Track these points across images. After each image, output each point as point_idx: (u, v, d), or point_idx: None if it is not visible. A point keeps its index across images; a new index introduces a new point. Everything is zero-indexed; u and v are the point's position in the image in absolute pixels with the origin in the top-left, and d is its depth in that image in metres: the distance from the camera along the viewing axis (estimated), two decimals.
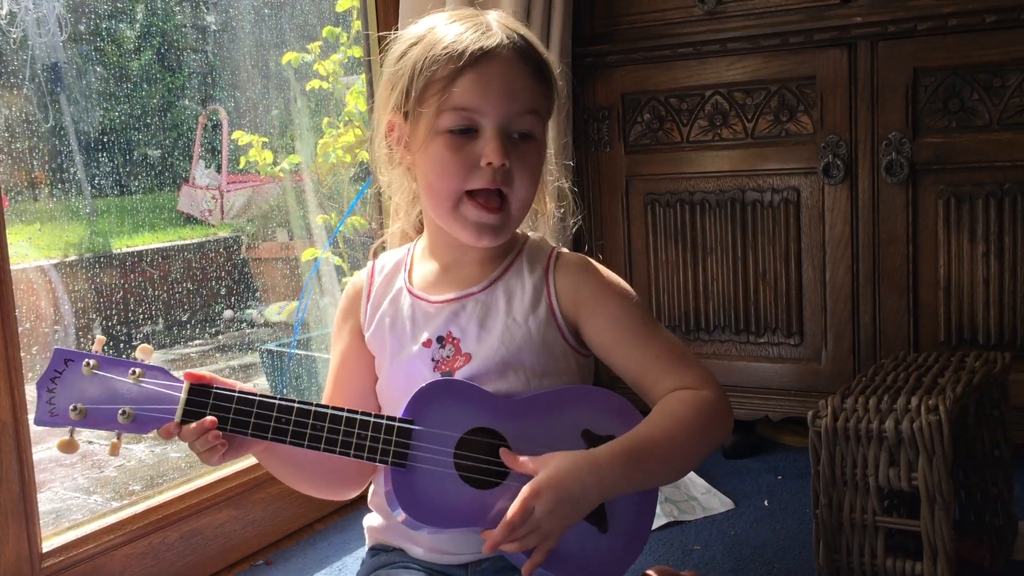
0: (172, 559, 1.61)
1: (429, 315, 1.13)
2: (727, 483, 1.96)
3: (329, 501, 1.90)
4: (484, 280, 1.13)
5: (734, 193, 2.05)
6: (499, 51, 1.05)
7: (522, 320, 1.10)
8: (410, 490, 1.00)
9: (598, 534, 1.03)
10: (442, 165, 1.06)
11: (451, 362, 1.09)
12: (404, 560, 1.12)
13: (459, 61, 1.04)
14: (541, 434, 1.04)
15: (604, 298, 1.11)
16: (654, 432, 1.03)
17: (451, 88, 1.04)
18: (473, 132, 1.06)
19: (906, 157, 1.85)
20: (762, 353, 2.06)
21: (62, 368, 1.00)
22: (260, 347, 2.72)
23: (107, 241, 2.42)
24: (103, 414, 0.99)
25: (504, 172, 1.06)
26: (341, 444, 1.01)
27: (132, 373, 1.00)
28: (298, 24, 2.67)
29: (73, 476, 2.26)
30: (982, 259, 1.83)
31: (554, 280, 1.12)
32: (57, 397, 0.99)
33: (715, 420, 1.06)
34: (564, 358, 1.12)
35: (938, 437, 1.29)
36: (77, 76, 2.18)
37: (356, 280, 1.23)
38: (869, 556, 1.37)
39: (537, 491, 0.96)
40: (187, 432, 1.00)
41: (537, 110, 1.08)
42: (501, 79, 1.05)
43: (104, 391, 0.99)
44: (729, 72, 2.01)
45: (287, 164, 2.69)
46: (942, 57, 1.81)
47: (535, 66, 1.08)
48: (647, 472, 1.02)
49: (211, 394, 1.01)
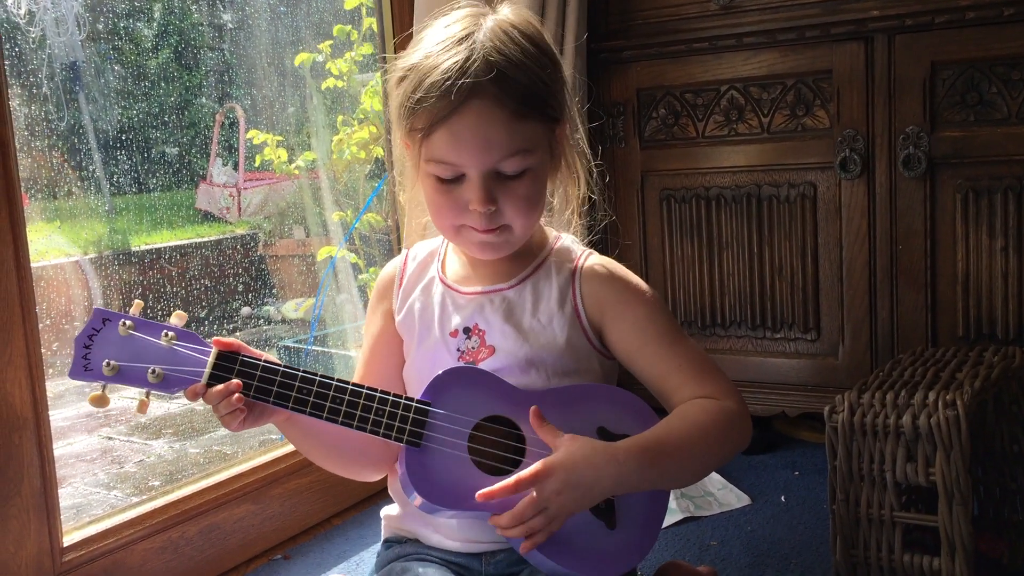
0: (191, 553, 1.62)
1: (459, 306, 1.14)
2: (744, 479, 1.96)
3: (346, 495, 1.92)
4: (513, 277, 1.14)
5: (750, 188, 2.04)
6: (471, 104, 1.01)
7: (547, 321, 1.11)
8: (422, 469, 1.02)
9: (606, 530, 1.03)
10: (435, 206, 1.09)
11: (475, 353, 1.11)
12: (419, 552, 1.13)
13: (433, 117, 1.02)
14: (556, 426, 1.04)
15: (629, 303, 1.12)
16: (673, 434, 1.03)
17: (429, 141, 1.04)
18: (461, 178, 1.05)
19: (924, 151, 1.84)
20: (779, 348, 2.06)
21: (100, 327, 1.04)
22: (277, 343, 2.73)
23: (126, 238, 2.44)
24: (135, 372, 1.03)
25: (492, 215, 1.06)
26: (359, 419, 1.03)
27: (165, 335, 1.04)
28: (314, 22, 2.68)
29: (93, 471, 2.28)
30: (1000, 253, 1.81)
31: (580, 283, 1.13)
32: (93, 353, 1.03)
33: (733, 430, 1.06)
34: (588, 359, 1.13)
35: (956, 432, 1.28)
36: (95, 75, 2.20)
37: (391, 266, 1.25)
38: (887, 552, 1.37)
39: (550, 469, 0.96)
40: (212, 394, 1.03)
41: (523, 149, 1.04)
42: (474, 133, 1.02)
43: (137, 350, 1.03)
44: (745, 67, 2.00)
45: (302, 161, 2.70)
46: (960, 50, 1.80)
47: (515, 105, 1.02)
48: (662, 472, 1.02)
49: (238, 360, 1.04)
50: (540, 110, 1.06)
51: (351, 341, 2.75)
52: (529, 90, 1.04)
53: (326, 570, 1.68)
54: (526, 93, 1.04)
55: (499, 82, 1.02)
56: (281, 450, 1.82)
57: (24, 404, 1.38)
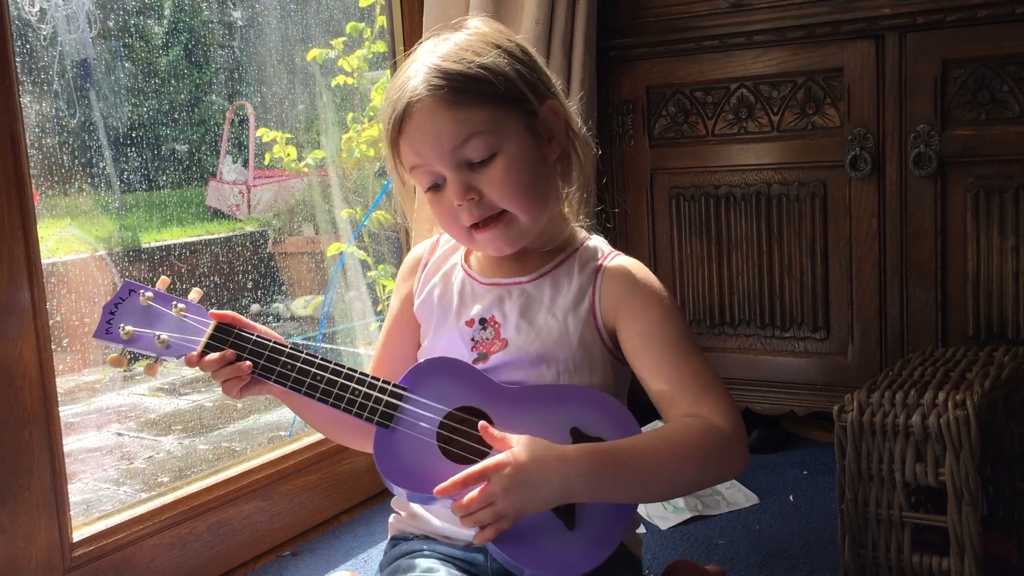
0: (200, 549, 1.63)
1: (477, 295, 1.16)
2: (752, 478, 1.95)
3: (354, 492, 1.92)
4: (535, 272, 1.15)
5: (760, 187, 2.04)
6: (411, 107, 1.06)
7: (562, 317, 1.11)
8: (389, 450, 1.05)
9: (564, 529, 1.02)
10: (437, 218, 1.14)
11: (489, 344, 1.12)
12: (424, 548, 1.13)
13: (391, 127, 1.09)
14: (529, 423, 1.05)
15: (645, 306, 1.11)
16: (638, 447, 1.02)
17: (400, 157, 1.11)
18: (441, 183, 1.09)
19: (934, 150, 1.83)
20: (788, 347, 2.05)
21: (126, 296, 1.15)
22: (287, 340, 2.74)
23: (136, 235, 2.45)
24: (145, 338, 1.12)
25: (477, 203, 1.08)
26: (335, 396, 1.08)
27: (175, 307, 1.14)
28: (324, 19, 2.68)
29: (103, 467, 2.29)
30: (1011, 253, 1.81)
31: (601, 282, 1.13)
32: (115, 319, 1.14)
33: (718, 454, 1.03)
34: (601, 361, 1.12)
35: (965, 432, 1.28)
36: (106, 72, 2.21)
37: (418, 249, 1.27)
38: (895, 552, 1.36)
39: (499, 464, 0.97)
40: (206, 362, 1.10)
41: (476, 131, 1.06)
42: (420, 131, 1.07)
43: (151, 319, 1.14)
44: (755, 65, 2.00)
45: (312, 159, 2.71)
46: (971, 48, 1.79)
47: (453, 94, 1.06)
48: (618, 483, 1.00)
49: (233, 333, 1.13)
50: (487, 93, 1.07)
51: (360, 338, 2.76)
52: (467, 76, 1.06)
53: (334, 567, 1.68)
54: (464, 79, 1.06)
55: (433, 79, 1.06)
56: (290, 447, 1.83)
57: (35, 400, 1.38)
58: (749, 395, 2.06)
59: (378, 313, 2.61)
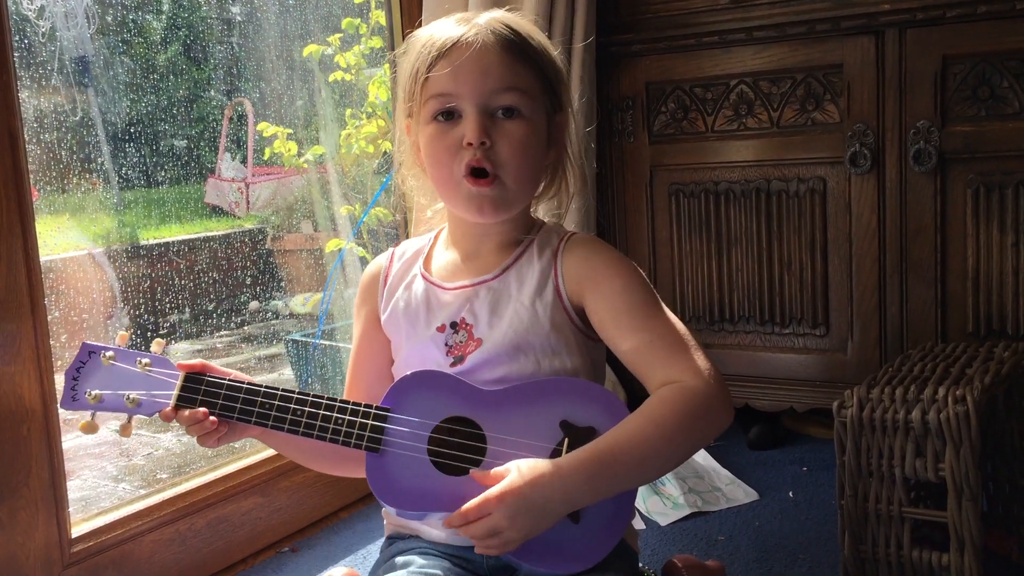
0: (199, 545, 1.62)
1: (443, 302, 1.15)
2: (752, 474, 1.95)
3: (353, 489, 1.92)
4: (497, 268, 1.15)
5: (759, 183, 2.03)
6: (468, 37, 1.08)
7: (529, 303, 1.11)
8: (382, 474, 1.04)
9: (569, 523, 1.02)
10: (433, 152, 1.11)
11: (463, 347, 1.11)
12: (421, 546, 1.13)
13: (432, 51, 1.09)
14: (518, 423, 1.04)
15: (606, 276, 1.10)
16: (627, 437, 1.01)
17: (429, 77, 1.09)
18: (457, 116, 1.09)
19: (934, 146, 1.83)
20: (787, 344, 2.05)
21: (86, 359, 1.12)
22: (285, 337, 2.74)
23: (135, 232, 2.44)
24: (114, 399, 1.11)
25: (486, 150, 1.08)
26: (319, 429, 1.07)
27: (139, 363, 1.12)
28: (322, 15, 2.68)
29: (102, 464, 2.28)
30: (1011, 249, 1.80)
31: (561, 262, 1.13)
32: (79, 384, 1.11)
33: (699, 416, 1.03)
34: (575, 343, 1.12)
35: (965, 428, 1.28)
36: (104, 68, 2.20)
37: (375, 265, 1.26)
38: (895, 547, 1.36)
39: (499, 497, 0.97)
40: (182, 417, 1.09)
41: (517, 87, 1.09)
42: (471, 61, 1.07)
43: (116, 379, 1.11)
44: (754, 61, 2.00)
45: (311, 155, 2.70)
46: (972, 44, 1.79)
47: (516, 49, 1.10)
48: (616, 479, 1.00)
49: (203, 381, 1.10)
50: (541, 71, 1.12)
51: None
52: (533, 47, 1.12)
53: (333, 563, 1.68)
54: (524, 42, 1.11)
55: (498, 26, 1.10)
56: None
57: (33, 396, 1.38)
58: (749, 391, 2.06)
59: None
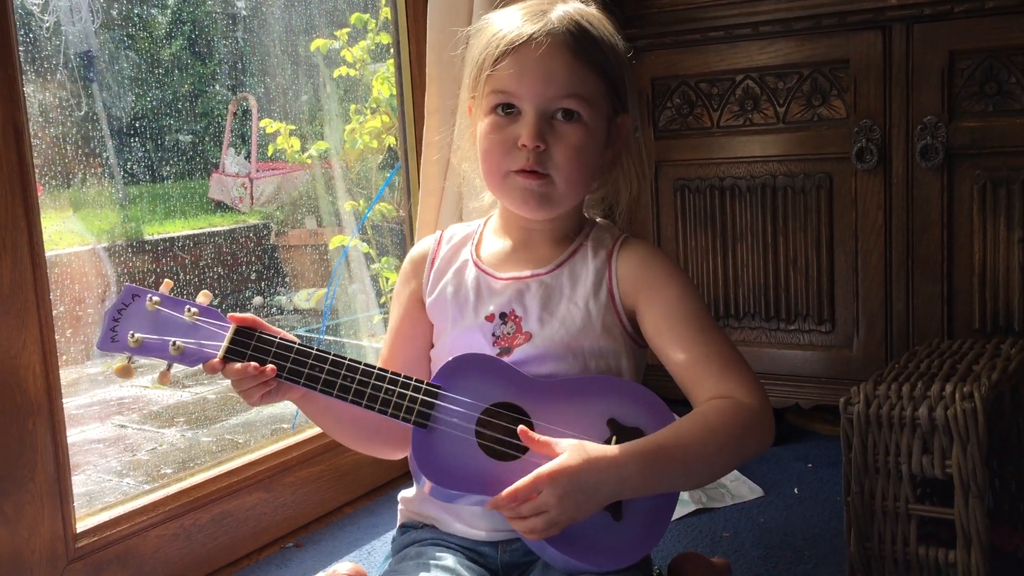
0: (203, 540, 1.62)
1: (494, 290, 1.14)
2: (756, 471, 1.95)
3: (358, 484, 1.92)
4: (551, 263, 1.14)
5: (765, 179, 2.03)
6: (538, 37, 1.07)
7: (583, 304, 1.11)
8: (428, 450, 1.03)
9: (612, 521, 1.02)
10: (487, 144, 1.11)
11: (511, 339, 1.11)
12: (434, 536, 1.13)
13: (499, 46, 1.08)
14: (566, 416, 1.04)
15: (663, 287, 1.11)
16: (682, 438, 1.02)
17: (494, 72, 1.09)
18: (516, 113, 1.09)
19: (941, 142, 1.82)
20: (793, 340, 2.05)
21: (129, 302, 1.08)
22: (290, 333, 2.74)
23: (139, 227, 2.44)
24: (157, 344, 1.06)
25: (540, 154, 1.08)
26: (368, 397, 1.05)
27: (188, 311, 1.08)
28: (327, 10, 2.67)
29: (107, 459, 2.29)
30: (1018, 245, 1.80)
31: (616, 265, 1.13)
32: (120, 326, 1.07)
33: (751, 433, 1.04)
34: (624, 346, 1.12)
35: (972, 424, 1.27)
36: (109, 63, 2.20)
37: (422, 245, 1.24)
38: (901, 544, 1.36)
39: (552, 475, 0.96)
40: (230, 370, 1.06)
41: (580, 94, 1.08)
42: (537, 64, 1.07)
43: (161, 325, 1.07)
44: (760, 56, 1.99)
45: (315, 151, 2.70)
46: (979, 40, 1.78)
47: (584, 53, 1.08)
48: (667, 476, 1.01)
49: (254, 336, 1.07)
50: (607, 76, 1.11)
51: (363, 331, 2.75)
52: (601, 50, 1.11)
53: (338, 558, 1.68)
54: (598, 50, 1.10)
55: (574, 27, 1.09)
56: (293, 438, 1.82)
57: (38, 390, 1.38)
58: None
59: (381, 305, 2.61)
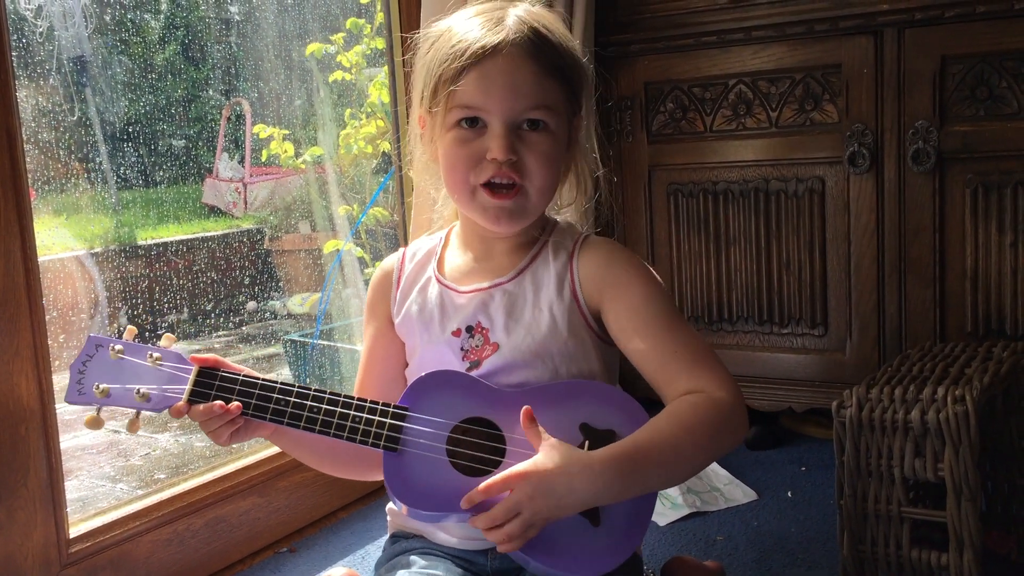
0: (197, 545, 1.62)
1: (458, 305, 1.13)
2: (750, 474, 1.95)
3: (352, 489, 1.92)
4: (512, 270, 1.13)
5: (758, 183, 2.03)
6: (501, 48, 1.05)
7: (547, 308, 1.09)
8: (399, 473, 1.02)
9: (589, 527, 1.00)
10: (452, 159, 1.09)
11: (479, 351, 1.10)
12: (424, 546, 1.13)
13: (462, 59, 1.05)
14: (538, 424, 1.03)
15: (626, 284, 1.09)
16: (657, 438, 1.00)
17: (456, 86, 1.06)
18: (482, 126, 1.07)
19: (933, 146, 1.83)
20: (786, 344, 2.05)
21: (93, 353, 1.09)
22: (283, 337, 2.73)
23: (132, 232, 2.44)
24: (123, 393, 1.08)
25: (512, 164, 1.06)
26: (336, 427, 1.05)
27: (150, 357, 1.09)
28: (320, 15, 2.67)
29: (100, 464, 2.28)
30: (1010, 249, 1.80)
31: (578, 266, 1.11)
32: (86, 378, 1.08)
33: (725, 427, 1.03)
34: (592, 346, 1.11)
35: (964, 427, 1.28)
36: (102, 68, 2.20)
37: (386, 265, 1.23)
38: (894, 547, 1.36)
39: (523, 474, 0.95)
40: (196, 412, 1.06)
41: (546, 104, 1.07)
42: (502, 76, 1.05)
43: (126, 373, 1.09)
44: (753, 61, 2.00)
45: (309, 156, 2.70)
46: (970, 44, 1.79)
47: (546, 61, 1.07)
48: (644, 478, 0.99)
49: (217, 376, 1.08)
50: (568, 81, 1.10)
51: (357, 336, 2.75)
52: (561, 56, 1.09)
53: (331, 563, 1.68)
54: (558, 56, 1.08)
55: (534, 36, 1.07)
56: None
57: (31, 396, 1.38)
58: (747, 391, 2.06)
59: None
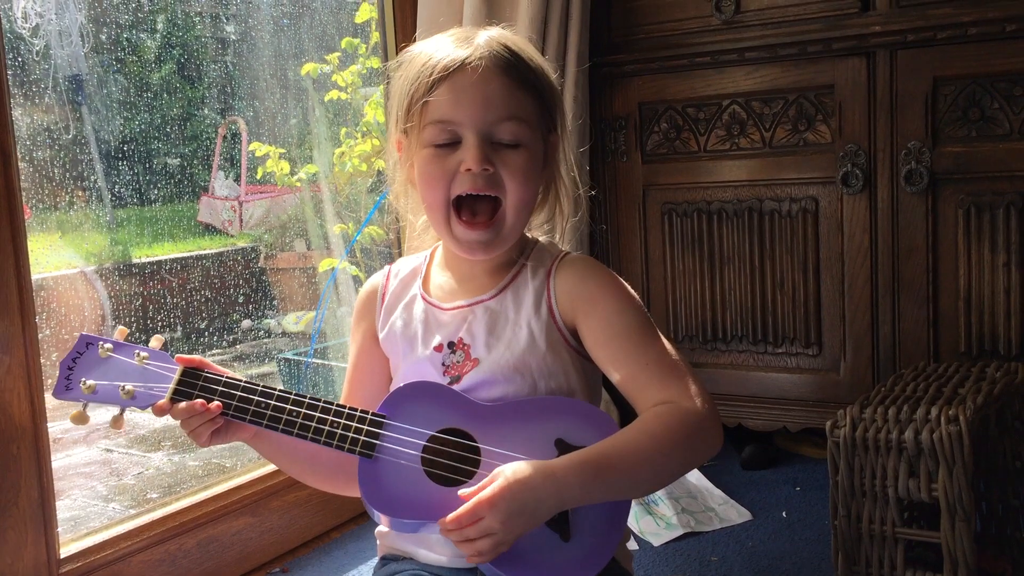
0: (189, 566, 1.61)
1: (441, 322, 1.14)
2: (745, 494, 1.95)
3: (345, 509, 1.91)
4: (494, 288, 1.15)
5: (752, 203, 2.04)
6: (471, 61, 1.07)
7: (525, 324, 1.11)
8: (374, 480, 1.03)
9: (560, 542, 1.01)
10: (427, 175, 1.10)
11: (460, 367, 1.11)
12: (414, 567, 1.12)
13: (432, 74, 1.07)
14: (514, 439, 1.04)
15: (600, 298, 1.10)
16: (620, 446, 1.01)
17: (428, 102, 1.08)
18: (456, 144, 1.08)
19: (926, 166, 1.84)
20: (780, 364, 2.05)
21: (83, 350, 1.12)
22: (277, 356, 2.73)
23: (127, 250, 2.44)
24: (109, 390, 1.10)
25: (488, 177, 1.07)
26: (313, 431, 1.06)
27: (137, 356, 1.11)
28: (316, 35, 2.69)
29: (92, 484, 2.27)
30: (1003, 269, 1.81)
31: (555, 283, 1.13)
32: (74, 374, 1.10)
33: (696, 436, 1.03)
34: (571, 362, 1.12)
35: (958, 448, 1.28)
36: (98, 86, 2.20)
37: (372, 283, 1.25)
38: (888, 568, 1.36)
39: (491, 501, 0.96)
40: (177, 410, 1.08)
41: (519, 116, 1.08)
42: (474, 88, 1.06)
43: (113, 371, 1.11)
44: (747, 81, 2.01)
45: (304, 174, 2.71)
46: (962, 66, 1.80)
47: (517, 75, 1.08)
48: (608, 485, 1.00)
49: (201, 376, 1.10)
50: (540, 95, 1.11)
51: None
52: (532, 71, 1.11)
53: None
54: (529, 71, 1.10)
55: (502, 50, 1.09)
56: None
57: (23, 415, 1.37)
58: (741, 411, 2.06)
59: None
